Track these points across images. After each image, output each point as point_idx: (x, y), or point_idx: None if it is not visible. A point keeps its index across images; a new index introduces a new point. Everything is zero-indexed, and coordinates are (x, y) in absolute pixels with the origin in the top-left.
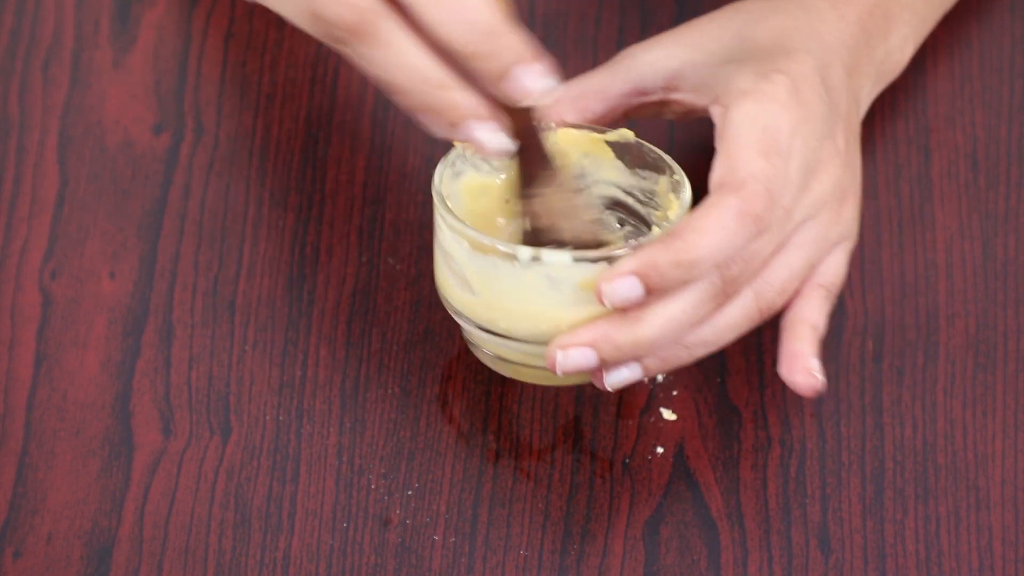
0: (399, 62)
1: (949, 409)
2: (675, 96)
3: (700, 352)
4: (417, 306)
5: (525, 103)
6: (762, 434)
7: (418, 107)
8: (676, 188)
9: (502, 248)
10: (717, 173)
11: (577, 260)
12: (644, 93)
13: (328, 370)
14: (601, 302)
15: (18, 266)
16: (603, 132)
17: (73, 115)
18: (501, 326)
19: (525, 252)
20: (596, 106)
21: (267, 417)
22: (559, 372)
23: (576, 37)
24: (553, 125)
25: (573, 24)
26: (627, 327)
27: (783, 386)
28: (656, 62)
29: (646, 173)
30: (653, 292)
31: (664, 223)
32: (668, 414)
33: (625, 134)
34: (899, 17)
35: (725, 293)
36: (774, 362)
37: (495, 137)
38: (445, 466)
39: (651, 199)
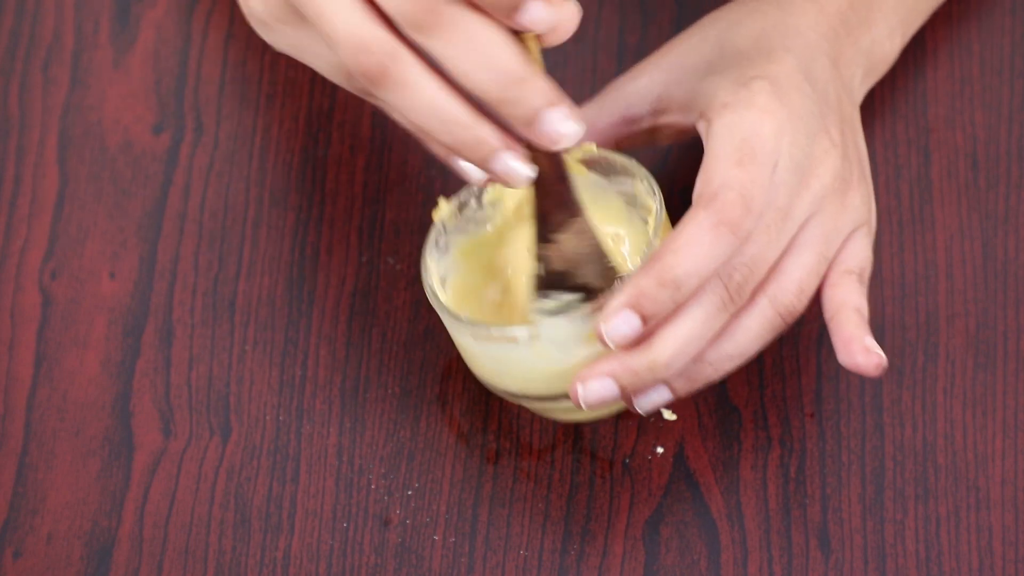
0: (424, 105)
1: (949, 409)
2: (663, 120)
3: (727, 367)
4: (417, 306)
5: (555, 148)
6: (762, 434)
7: (449, 146)
8: (651, 192)
9: (500, 334)
10: (696, 187)
11: (572, 321)
12: (633, 121)
13: (328, 370)
14: (605, 345)
15: (18, 266)
16: (568, 152)
17: (73, 115)
18: (531, 391)
19: (523, 332)
20: (586, 139)
21: (267, 417)
22: (583, 406)
23: (576, 37)
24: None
25: None
26: (641, 352)
27: (783, 386)
28: (641, 88)
29: (620, 179)
30: (649, 319)
31: (651, 236)
32: (668, 414)
33: (588, 149)
34: (882, 7)
35: (734, 302)
36: (774, 361)
37: (525, 166)
38: (445, 466)
39: (635, 201)
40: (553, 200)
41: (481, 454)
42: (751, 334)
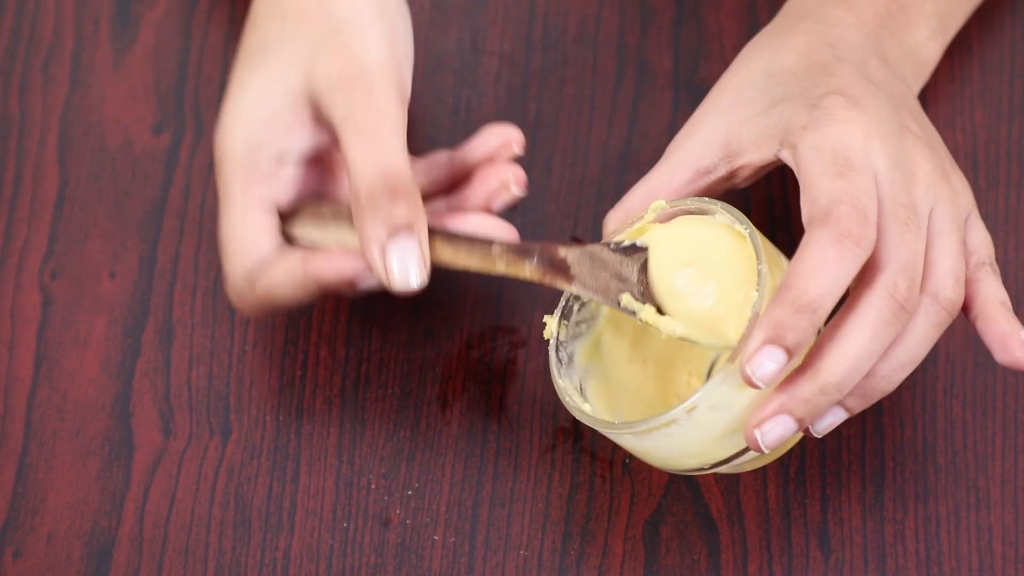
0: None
1: (949, 409)
2: (740, 162)
3: (900, 376)
4: (417, 306)
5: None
6: None
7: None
8: (732, 222)
9: (659, 423)
10: (803, 212)
11: (719, 380)
12: (707, 172)
13: (328, 370)
14: (755, 387)
15: (18, 266)
16: (641, 218)
17: (73, 115)
18: (708, 462)
19: (680, 412)
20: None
21: (267, 417)
22: (765, 450)
23: (576, 37)
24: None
25: (573, 24)
26: (809, 379)
27: None
28: (707, 138)
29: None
30: (793, 349)
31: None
32: None
33: (658, 206)
34: (921, 11)
35: (906, 311)
36: None
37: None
38: (445, 466)
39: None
40: (549, 278)
41: (481, 454)
42: (921, 336)
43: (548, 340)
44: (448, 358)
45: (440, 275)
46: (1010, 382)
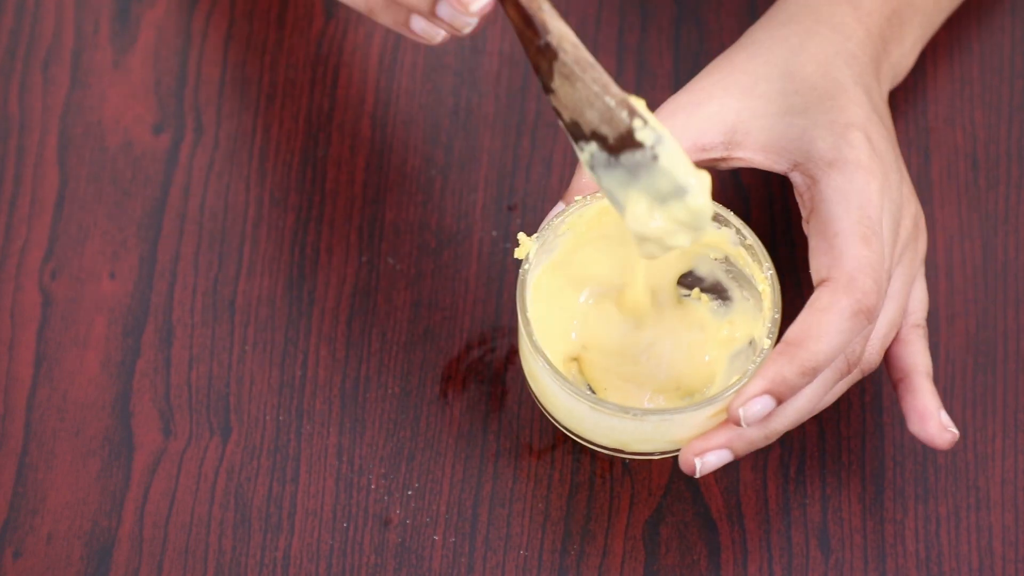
0: None
1: (949, 409)
2: (740, 154)
3: (794, 424)
4: (417, 306)
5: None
6: None
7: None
8: (741, 242)
9: (615, 409)
10: (821, 263)
11: (686, 411)
12: (704, 149)
13: (328, 370)
14: (737, 424)
15: (18, 266)
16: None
17: (73, 115)
18: (632, 448)
19: (637, 411)
20: None
21: (267, 417)
22: (697, 476)
23: (577, 37)
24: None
25: (573, 24)
26: (762, 426)
27: None
28: (713, 115)
29: (712, 226)
30: (783, 402)
31: (769, 322)
32: None
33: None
34: (911, 21)
35: (850, 369)
36: None
37: (473, 6)
38: (445, 466)
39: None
40: (532, 49)
41: (481, 454)
42: (837, 392)
43: (520, 259)
44: (448, 358)
45: (441, 275)
46: (1010, 382)
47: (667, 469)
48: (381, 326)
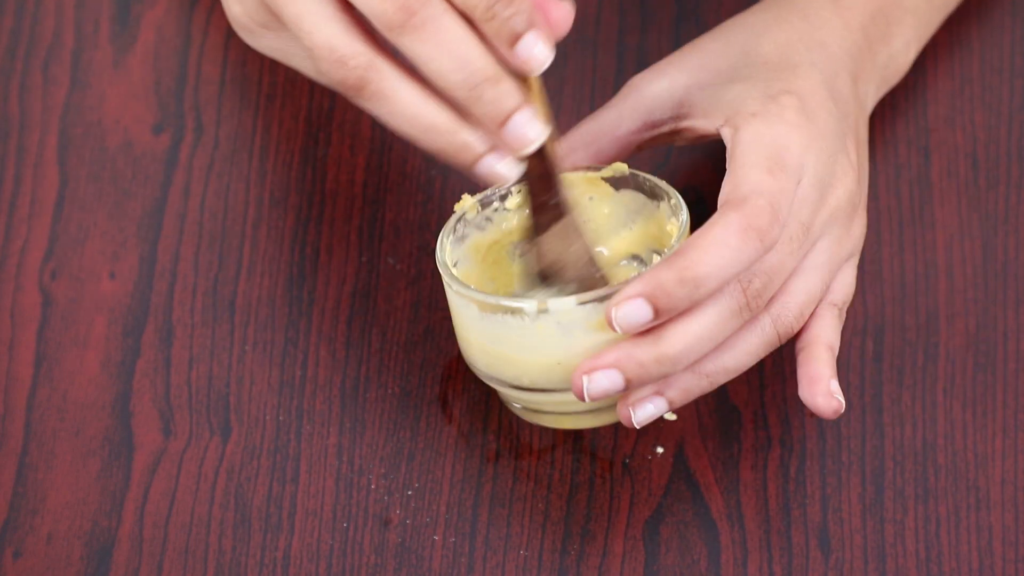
0: (404, 112)
1: (949, 409)
2: (685, 124)
3: (722, 379)
4: (417, 306)
5: (522, 151)
6: (762, 434)
7: (432, 152)
8: (675, 211)
9: (508, 304)
10: (723, 192)
11: (582, 303)
12: (655, 126)
13: (328, 370)
14: (613, 328)
15: (18, 266)
16: (598, 170)
17: (73, 115)
18: (525, 381)
19: (531, 305)
20: (609, 148)
21: (267, 417)
22: (586, 398)
23: (576, 37)
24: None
25: (573, 24)
26: (649, 345)
27: (783, 386)
28: (663, 92)
29: (645, 200)
30: (661, 313)
31: (666, 250)
32: (668, 414)
33: (619, 168)
34: (901, 21)
35: (749, 309)
36: (774, 362)
37: (509, 168)
38: (445, 466)
39: (661, 225)
40: (539, 201)
41: (481, 454)
42: (750, 349)
43: (456, 211)
44: (448, 358)
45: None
46: (1010, 382)
47: (667, 469)
48: (381, 326)
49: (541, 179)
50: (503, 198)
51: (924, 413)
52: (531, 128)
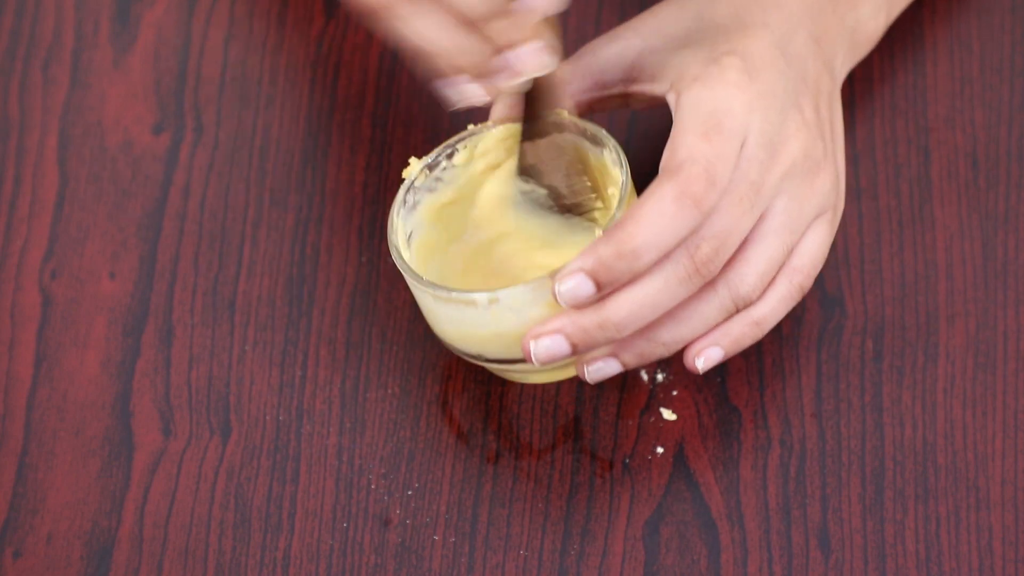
0: (422, 36)
1: (949, 409)
2: (634, 88)
3: (676, 347)
4: (417, 306)
5: (529, 74)
6: (762, 434)
7: (452, 64)
8: (617, 162)
9: (460, 297)
10: (662, 160)
11: (530, 288)
12: (605, 87)
13: (328, 370)
14: (559, 303)
15: (18, 266)
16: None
17: (73, 115)
18: (489, 354)
19: (482, 296)
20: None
21: (267, 417)
22: (535, 362)
23: (576, 37)
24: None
25: (573, 24)
26: (593, 311)
27: (783, 386)
28: (615, 55)
29: (589, 147)
30: (603, 286)
31: (613, 206)
32: (668, 414)
33: (560, 114)
34: None
35: (700, 275)
36: (774, 362)
37: (540, 55)
38: (445, 466)
39: (603, 171)
40: (534, 111)
41: (481, 454)
42: (705, 317)
43: (404, 179)
44: (448, 358)
45: None
46: (1010, 382)
47: (667, 469)
48: (381, 326)
49: (543, 92)
50: (450, 156)
51: (924, 413)
52: (542, 55)
